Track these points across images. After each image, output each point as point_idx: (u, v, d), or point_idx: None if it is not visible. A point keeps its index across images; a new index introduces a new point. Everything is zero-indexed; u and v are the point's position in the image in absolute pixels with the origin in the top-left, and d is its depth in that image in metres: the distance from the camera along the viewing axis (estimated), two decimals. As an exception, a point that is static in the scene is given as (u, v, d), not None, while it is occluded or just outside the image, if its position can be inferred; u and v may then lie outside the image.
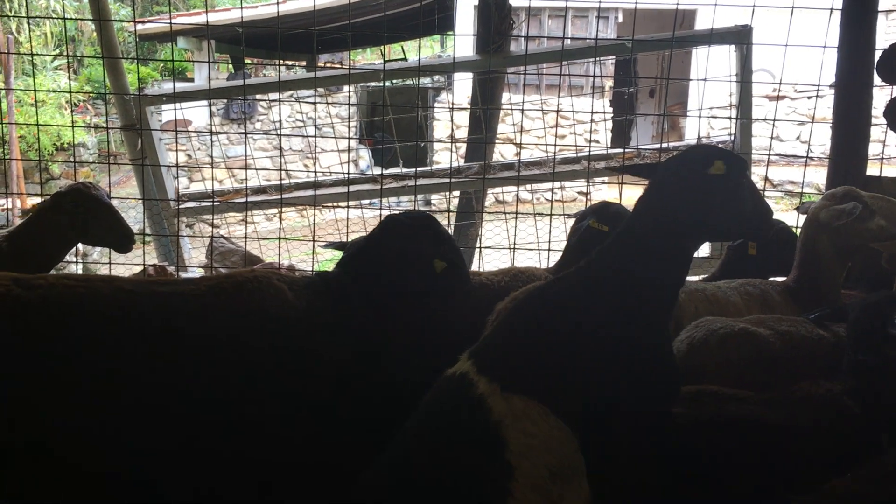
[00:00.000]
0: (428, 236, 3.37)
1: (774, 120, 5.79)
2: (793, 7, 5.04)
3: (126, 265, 6.84)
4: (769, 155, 5.74)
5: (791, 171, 16.41)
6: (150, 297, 2.77)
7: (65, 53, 17.47)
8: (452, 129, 8.28)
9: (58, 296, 2.66)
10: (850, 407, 2.80)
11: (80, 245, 4.88)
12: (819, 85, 5.29)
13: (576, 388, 2.47)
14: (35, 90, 6.63)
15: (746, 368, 3.01)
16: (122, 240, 4.60)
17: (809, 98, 17.78)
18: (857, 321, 2.97)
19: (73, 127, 6.95)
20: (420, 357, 3.39)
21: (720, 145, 6.58)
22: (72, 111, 13.51)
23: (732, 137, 6.39)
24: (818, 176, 12.72)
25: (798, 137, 18.37)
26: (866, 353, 2.86)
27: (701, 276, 4.88)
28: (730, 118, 6.40)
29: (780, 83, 5.48)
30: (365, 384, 3.10)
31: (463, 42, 14.33)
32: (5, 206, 11.73)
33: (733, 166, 2.74)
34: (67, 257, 5.03)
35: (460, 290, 3.56)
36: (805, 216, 3.94)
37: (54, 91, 15.22)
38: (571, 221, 5.81)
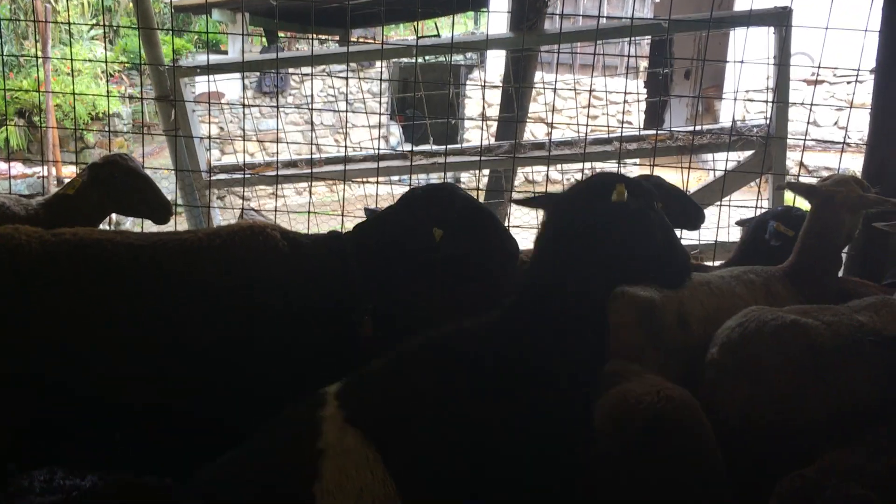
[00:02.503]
0: (439, 205, 3.36)
1: (812, 104, 5.71)
2: (834, -11, 4.94)
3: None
4: (805, 140, 5.66)
5: (827, 157, 16.14)
6: (154, 245, 3.16)
7: (101, 23, 17.61)
8: (484, 107, 8.25)
9: (79, 241, 3.09)
10: None
11: (112, 215, 4.95)
12: (859, 70, 5.19)
13: (427, 454, 2.18)
14: (71, 59, 6.71)
15: (800, 359, 3.01)
16: (159, 210, 4.67)
17: (849, 83, 17.44)
18: None
19: (108, 97, 7.01)
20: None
21: (755, 129, 6.50)
22: (107, 81, 13.61)
23: (768, 121, 6.30)
24: (855, 162, 12.50)
25: (836, 123, 18.05)
26: None
27: (720, 262, 4.85)
28: (766, 102, 6.29)
29: (819, 67, 5.38)
30: (345, 339, 3.25)
31: (497, 19, 14.23)
32: (41, 174, 11.92)
33: (637, 194, 2.43)
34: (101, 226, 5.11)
35: (468, 261, 3.38)
36: (825, 198, 3.85)
37: (90, 60, 15.35)
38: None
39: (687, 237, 5.71)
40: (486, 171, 7.34)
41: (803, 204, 4.25)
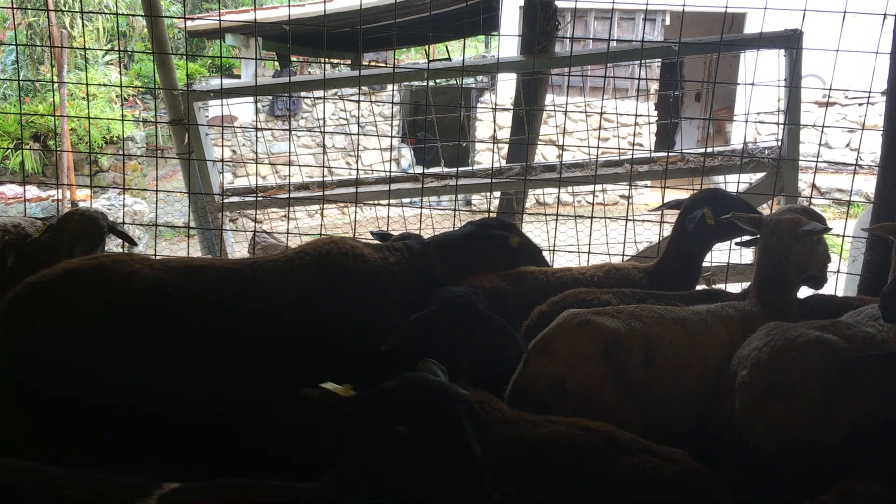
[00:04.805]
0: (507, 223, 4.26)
1: (824, 126, 5.70)
2: (845, 12, 4.94)
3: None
4: (817, 162, 5.64)
5: (839, 179, 16.10)
6: (251, 266, 3.38)
7: (116, 49, 17.83)
8: (495, 130, 8.29)
9: (185, 267, 3.32)
10: None
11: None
12: (870, 91, 5.18)
13: None
14: (87, 84, 6.78)
15: (827, 375, 2.98)
16: None
17: (860, 105, 17.43)
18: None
19: (122, 121, 7.09)
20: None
21: (766, 151, 6.48)
22: (122, 105, 13.74)
23: (780, 143, 6.29)
24: (867, 184, 12.44)
25: (847, 145, 18.00)
26: None
27: (743, 284, 4.83)
28: (777, 124, 6.29)
29: (831, 89, 5.37)
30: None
31: (507, 42, 14.31)
32: (56, 197, 12.02)
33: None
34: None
35: (534, 260, 4.34)
36: (769, 226, 3.78)
37: (105, 85, 15.54)
38: (612, 224, 5.76)
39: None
40: (496, 193, 7.36)
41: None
